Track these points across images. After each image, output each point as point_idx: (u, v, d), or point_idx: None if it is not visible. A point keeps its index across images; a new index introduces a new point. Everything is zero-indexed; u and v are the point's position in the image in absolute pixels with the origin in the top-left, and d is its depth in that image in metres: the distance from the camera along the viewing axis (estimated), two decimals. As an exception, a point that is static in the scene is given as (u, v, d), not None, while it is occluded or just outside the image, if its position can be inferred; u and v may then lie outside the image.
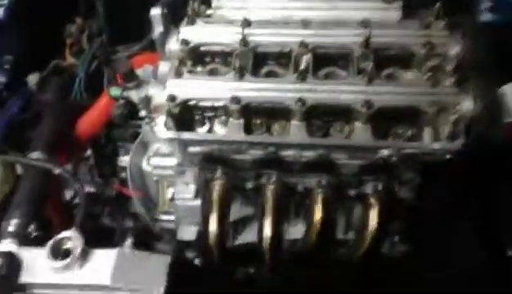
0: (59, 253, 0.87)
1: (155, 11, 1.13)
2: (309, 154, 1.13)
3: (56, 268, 0.85)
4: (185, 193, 1.29)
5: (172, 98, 1.04)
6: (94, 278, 0.85)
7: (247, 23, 1.15)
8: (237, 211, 1.34)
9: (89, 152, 1.42)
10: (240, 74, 1.06)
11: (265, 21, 1.17)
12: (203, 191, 1.24)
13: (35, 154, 1.06)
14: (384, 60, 1.12)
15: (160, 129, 1.06)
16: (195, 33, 1.15)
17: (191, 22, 1.17)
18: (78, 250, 0.85)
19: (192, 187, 1.29)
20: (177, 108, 1.04)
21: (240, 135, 1.06)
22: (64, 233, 0.87)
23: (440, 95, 1.01)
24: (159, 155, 1.32)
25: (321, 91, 1.04)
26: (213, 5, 1.26)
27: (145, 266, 0.89)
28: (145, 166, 1.34)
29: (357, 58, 1.09)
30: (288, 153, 1.13)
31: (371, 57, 1.08)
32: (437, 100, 1.00)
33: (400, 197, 1.24)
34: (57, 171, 1.02)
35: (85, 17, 1.63)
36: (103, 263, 0.87)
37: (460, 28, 1.10)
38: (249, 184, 1.22)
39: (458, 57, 1.06)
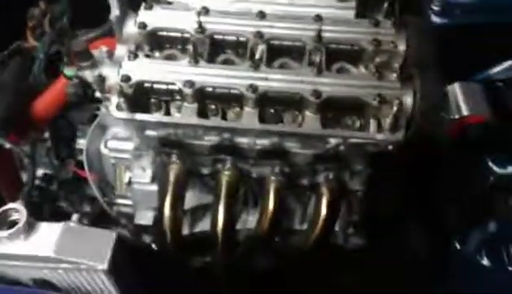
0: (4, 224, 0.87)
1: (112, -8, 1.15)
2: (263, 142, 1.17)
3: (0, 237, 0.86)
4: (142, 177, 1.31)
5: (126, 78, 1.06)
6: (38, 250, 0.86)
7: (205, 11, 1.18)
8: (194, 198, 1.38)
9: (47, 134, 1.41)
10: (195, 60, 1.09)
11: (223, 11, 1.20)
12: (159, 175, 1.27)
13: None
14: (334, 55, 1.17)
15: (113, 109, 1.08)
16: (153, 17, 1.17)
17: (149, 7, 1.19)
18: (23, 221, 0.86)
19: (149, 171, 1.31)
20: (131, 89, 1.07)
21: (193, 119, 1.09)
22: (10, 205, 0.88)
23: (383, 88, 1.07)
24: (116, 138, 1.34)
25: (273, 80, 1.08)
26: (174, -6, 1.29)
27: (90, 241, 0.90)
28: (102, 149, 1.35)
29: (309, 51, 1.14)
30: (242, 141, 1.17)
31: (323, 51, 1.13)
32: (380, 92, 1.05)
33: (351, 188, 1.30)
34: (7, 145, 1.02)
35: (48, 1, 1.63)
36: (48, 235, 0.88)
37: (407, 27, 1.17)
38: (205, 170, 1.26)
39: (403, 54, 1.12)
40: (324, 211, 1.23)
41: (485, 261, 1.00)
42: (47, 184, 1.39)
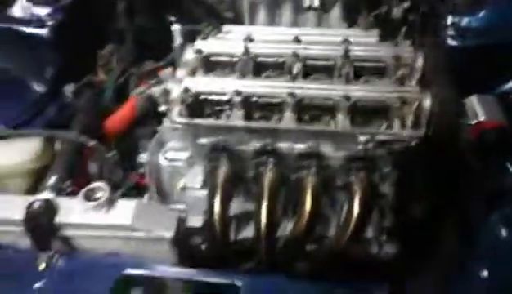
0: (90, 199, 1.07)
1: (176, 26, 1.41)
2: (300, 146, 1.35)
3: (87, 209, 1.05)
4: (194, 183, 1.49)
5: (186, 90, 1.28)
6: (118, 219, 1.05)
7: (249, 39, 1.42)
8: (239, 206, 1.53)
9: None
10: (242, 75, 1.31)
11: (265, 39, 1.43)
12: (209, 179, 1.44)
13: (72, 133, 1.29)
14: (361, 71, 1.37)
15: (175, 116, 1.29)
16: (208, 45, 1.42)
17: (205, 38, 1.44)
18: (106, 195, 1.05)
19: (200, 178, 1.49)
20: (190, 98, 1.28)
21: (240, 122, 1.29)
22: (95, 184, 1.08)
23: (404, 92, 1.24)
24: (173, 150, 1.55)
25: (308, 88, 1.28)
26: (224, 30, 1.54)
27: (159, 215, 1.08)
28: (161, 160, 1.56)
29: (339, 67, 1.34)
30: (282, 145, 1.35)
31: (350, 66, 1.33)
32: (401, 95, 1.23)
33: (381, 191, 1.43)
34: (91, 143, 1.25)
35: (115, 44, 1.93)
36: (126, 208, 1.07)
37: (424, 47, 1.36)
38: (250, 174, 1.43)
39: (421, 68, 1.31)
40: (357, 209, 1.35)
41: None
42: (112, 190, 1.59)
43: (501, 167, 1.35)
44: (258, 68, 1.40)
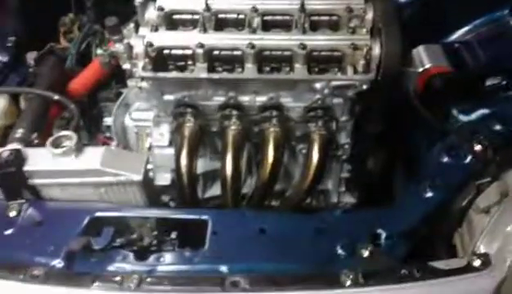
0: (58, 147, 1.10)
1: (138, -15, 1.44)
2: (261, 99, 1.42)
3: (55, 154, 1.08)
4: (161, 141, 1.54)
5: (149, 44, 1.32)
6: (86, 164, 1.09)
7: (210, -5, 1.46)
8: (205, 165, 1.59)
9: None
10: (204, 29, 1.36)
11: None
12: (175, 135, 1.49)
13: (37, 88, 1.31)
14: (317, 23, 1.44)
15: (140, 71, 1.33)
16: (169, 2, 1.45)
17: (165, -5, 1.47)
18: (74, 141, 1.09)
19: (167, 136, 1.54)
20: (154, 52, 1.32)
21: (204, 74, 1.34)
22: (63, 132, 1.11)
23: (355, 40, 1.32)
24: (139, 110, 1.58)
25: (267, 39, 1.35)
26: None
27: (128, 160, 1.12)
28: (127, 121, 1.60)
29: (296, 20, 1.41)
30: (244, 98, 1.42)
31: (307, 19, 1.40)
32: (353, 42, 1.31)
33: (339, 141, 1.52)
34: (56, 97, 1.27)
35: (75, 12, 1.93)
36: (94, 154, 1.10)
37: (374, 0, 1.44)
38: (214, 128, 1.49)
39: (371, 19, 1.39)
40: (316, 155, 1.43)
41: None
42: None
43: (445, 110, 1.46)
44: (220, 24, 1.45)
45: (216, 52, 1.36)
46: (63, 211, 1.10)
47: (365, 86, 1.33)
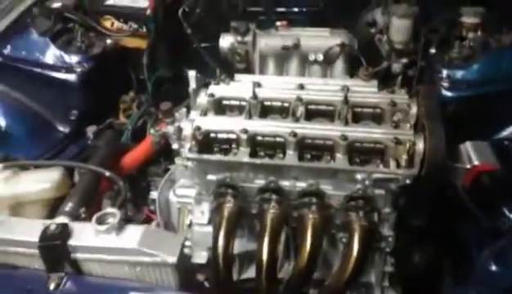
0: (102, 223, 1.15)
1: (191, 73, 1.55)
2: (302, 184, 1.43)
3: (98, 231, 1.13)
4: (201, 219, 1.57)
5: (197, 128, 1.40)
6: (125, 243, 1.12)
7: (258, 84, 1.55)
8: (244, 245, 1.59)
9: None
10: (249, 116, 1.43)
11: (272, 86, 1.56)
12: (214, 214, 1.52)
13: (90, 163, 1.40)
14: (360, 116, 1.47)
15: (186, 152, 1.40)
16: (219, 90, 1.55)
17: (217, 83, 1.58)
18: (117, 220, 1.14)
19: (207, 215, 1.57)
20: (201, 136, 1.39)
21: (246, 159, 1.38)
22: (108, 209, 1.17)
23: (398, 134, 1.33)
24: (182, 187, 1.64)
25: (309, 128, 1.38)
26: (236, 78, 1.68)
27: (165, 240, 1.15)
28: (171, 196, 1.65)
29: (339, 111, 1.44)
30: (285, 184, 1.43)
31: (349, 110, 1.44)
32: (396, 136, 1.32)
33: (382, 233, 1.48)
34: (107, 174, 1.35)
35: (136, 91, 2.10)
36: (133, 233, 1.15)
37: (418, 95, 1.46)
38: (254, 210, 1.50)
39: (415, 114, 1.40)
40: (356, 247, 1.39)
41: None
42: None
43: (495, 209, 1.39)
44: (265, 111, 1.51)
45: (259, 138, 1.41)
46: (98, 287, 1.13)
47: (408, 181, 1.31)
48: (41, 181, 1.34)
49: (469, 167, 1.45)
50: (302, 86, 1.54)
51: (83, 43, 1.93)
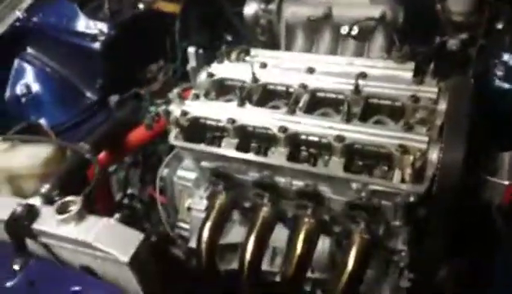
0: (64, 212, 1.11)
1: (190, 50, 1.41)
2: (298, 183, 1.25)
3: (57, 220, 1.09)
4: (199, 204, 1.48)
5: (184, 113, 1.28)
6: (81, 235, 1.08)
7: (263, 65, 1.36)
8: (233, 237, 1.47)
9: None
10: (242, 103, 1.26)
11: (277, 66, 1.36)
12: (208, 204, 1.42)
13: (81, 144, 1.37)
14: (376, 109, 1.22)
15: (171, 138, 1.29)
16: (221, 69, 1.39)
17: (220, 61, 1.42)
18: (76, 210, 1.09)
19: (205, 201, 1.47)
20: (187, 122, 1.27)
21: (232, 152, 1.24)
22: (69, 197, 1.12)
23: (407, 140, 1.07)
24: (184, 169, 1.55)
25: (304, 124, 1.18)
26: (252, 53, 1.50)
27: (122, 237, 1.08)
28: (174, 177, 1.58)
29: (348, 102, 1.21)
30: (280, 179, 1.27)
31: (361, 103, 1.20)
32: (402, 143, 1.06)
33: (393, 247, 1.26)
34: (87, 155, 1.31)
35: (165, 60, 2.00)
36: (92, 226, 1.09)
37: (453, 87, 1.16)
38: (247, 204, 1.37)
39: (443, 113, 1.12)
40: (351, 261, 1.20)
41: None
42: (130, 202, 1.66)
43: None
44: (267, 96, 1.33)
45: (249, 129, 1.25)
46: (54, 274, 1.11)
47: (412, 199, 1.06)
48: (31, 157, 1.34)
49: (507, 182, 1.14)
50: (311, 70, 1.32)
51: (110, 10, 1.87)
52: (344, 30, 1.51)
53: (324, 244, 1.35)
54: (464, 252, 1.31)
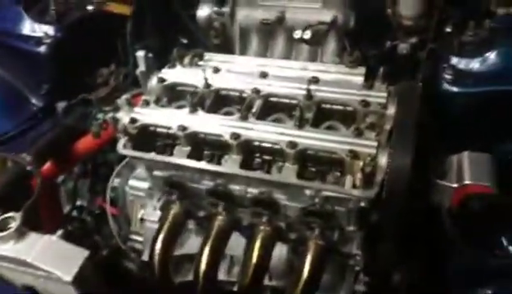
0: (3, 230, 1.04)
1: (140, 53, 1.36)
2: (253, 191, 1.23)
3: (-2, 238, 1.03)
4: (152, 216, 1.43)
5: (133, 120, 1.23)
6: (21, 254, 1.01)
7: (216, 69, 1.33)
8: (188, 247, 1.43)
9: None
10: (194, 109, 1.23)
11: (232, 71, 1.34)
12: (161, 214, 1.37)
13: (23, 155, 1.29)
14: (329, 114, 1.22)
15: (120, 147, 1.24)
16: (172, 74, 1.35)
17: (172, 66, 1.38)
18: (15, 227, 1.02)
19: (158, 212, 1.42)
20: (136, 130, 1.22)
21: (183, 161, 1.20)
22: (9, 214, 1.05)
23: (357, 145, 1.07)
24: (136, 178, 1.50)
25: (256, 130, 1.16)
26: (205, 58, 1.47)
27: (65, 255, 1.03)
28: (125, 186, 1.52)
29: (301, 108, 1.20)
30: (235, 187, 1.24)
31: (313, 108, 1.19)
32: (353, 149, 1.06)
33: (348, 251, 1.26)
34: (29, 167, 1.24)
35: (117, 65, 1.93)
36: (31, 244, 1.03)
37: (401, 92, 1.17)
38: (201, 213, 1.33)
39: (392, 117, 1.13)
40: (307, 268, 1.19)
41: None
42: (79, 214, 1.59)
43: (485, 240, 1.12)
44: (219, 102, 1.30)
45: (201, 136, 1.22)
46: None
47: (362, 204, 1.06)
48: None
49: (456, 185, 1.16)
50: (264, 75, 1.30)
51: (57, 11, 1.79)
52: (297, 34, 1.51)
53: (281, 251, 1.33)
54: (415, 255, 1.32)
